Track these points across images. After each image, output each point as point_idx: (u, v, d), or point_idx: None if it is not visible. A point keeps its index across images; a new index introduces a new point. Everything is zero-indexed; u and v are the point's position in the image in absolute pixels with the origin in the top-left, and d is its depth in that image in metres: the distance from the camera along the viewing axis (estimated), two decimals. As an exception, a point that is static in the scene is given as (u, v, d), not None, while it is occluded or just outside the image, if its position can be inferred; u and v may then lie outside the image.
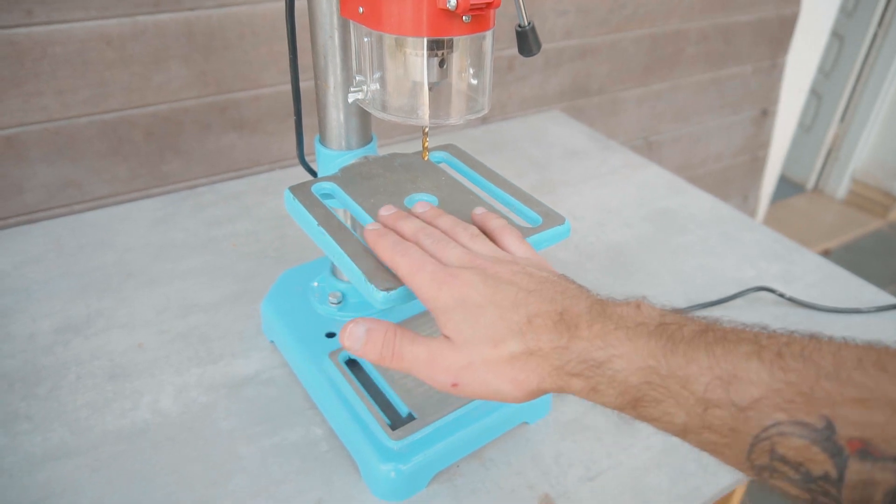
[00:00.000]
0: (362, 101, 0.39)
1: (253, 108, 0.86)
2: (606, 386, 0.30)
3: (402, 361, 0.34)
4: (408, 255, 0.36)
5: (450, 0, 0.32)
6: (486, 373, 0.32)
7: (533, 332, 0.31)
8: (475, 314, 0.33)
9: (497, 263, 0.35)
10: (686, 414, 0.28)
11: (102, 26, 0.73)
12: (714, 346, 0.28)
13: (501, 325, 0.32)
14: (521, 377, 0.32)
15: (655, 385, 0.29)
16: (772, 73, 1.42)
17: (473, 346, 0.32)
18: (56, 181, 0.78)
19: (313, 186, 0.45)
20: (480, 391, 0.33)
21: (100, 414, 0.52)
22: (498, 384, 0.32)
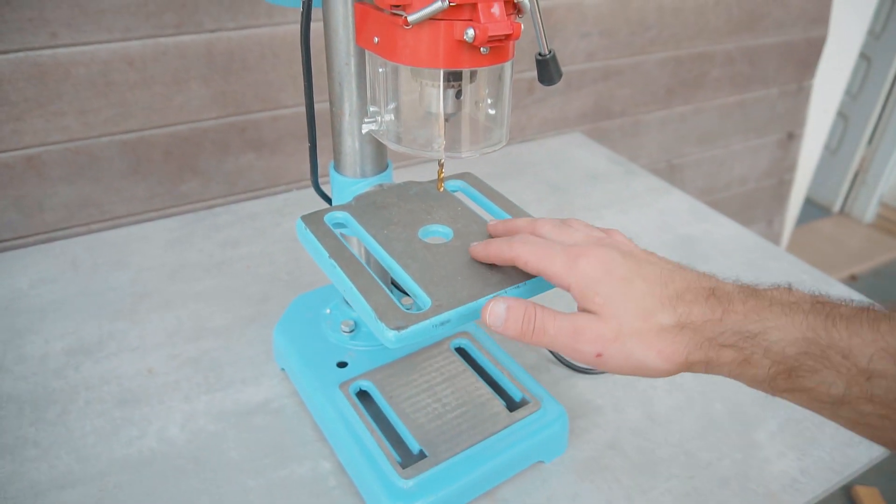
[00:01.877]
0: (376, 132, 0.38)
1: (271, 129, 0.86)
2: (761, 356, 0.30)
3: (545, 336, 0.34)
4: (529, 242, 0.36)
5: (467, 32, 0.31)
6: (634, 344, 0.32)
7: (684, 305, 0.32)
8: (623, 287, 0.33)
9: (624, 245, 0.36)
10: (846, 384, 0.28)
11: (125, 48, 0.73)
12: (877, 321, 0.29)
13: (651, 298, 0.32)
14: (669, 349, 0.31)
15: (814, 355, 0.29)
16: (798, 96, 1.39)
17: (622, 318, 0.32)
18: (76, 200, 0.78)
19: (326, 216, 0.44)
20: (624, 363, 0.33)
21: (107, 442, 0.51)
22: (644, 356, 0.32)
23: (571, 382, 0.59)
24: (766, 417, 0.56)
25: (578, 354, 0.33)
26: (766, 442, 0.54)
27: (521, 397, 0.52)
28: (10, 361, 0.59)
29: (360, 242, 0.46)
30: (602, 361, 0.33)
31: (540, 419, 0.50)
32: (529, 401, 0.51)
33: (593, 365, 0.33)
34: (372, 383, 0.52)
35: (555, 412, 0.51)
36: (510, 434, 0.49)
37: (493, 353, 0.56)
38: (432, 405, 0.50)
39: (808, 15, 1.27)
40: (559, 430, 0.51)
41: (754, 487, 0.50)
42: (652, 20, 1.09)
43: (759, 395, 0.58)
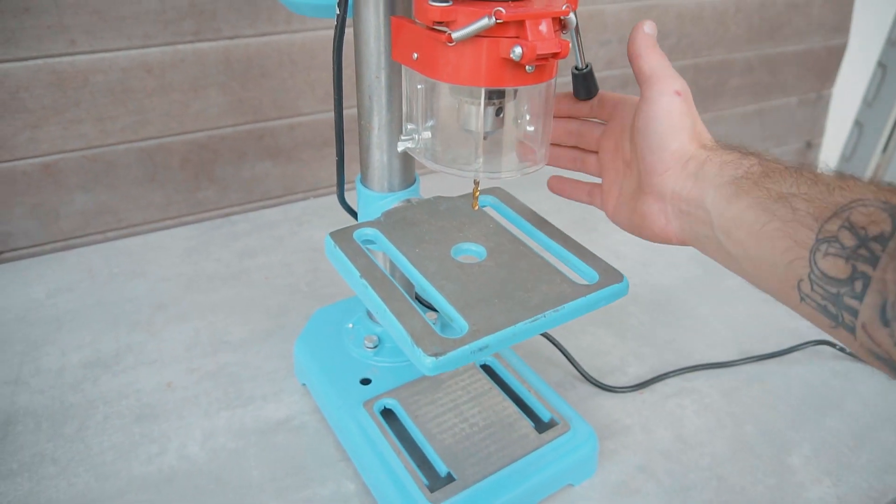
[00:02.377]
0: (413, 149, 0.37)
1: (289, 137, 0.85)
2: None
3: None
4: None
5: (514, 50, 0.30)
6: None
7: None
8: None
9: None
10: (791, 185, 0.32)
11: (144, 55, 0.72)
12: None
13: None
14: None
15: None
16: (817, 105, 1.38)
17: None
18: (92, 208, 0.77)
19: (355, 233, 0.43)
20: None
21: (125, 459, 0.50)
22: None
23: (598, 402, 0.58)
24: (800, 441, 0.55)
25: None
26: (800, 467, 0.52)
27: (550, 418, 0.50)
28: (27, 374, 0.58)
29: (386, 256, 0.45)
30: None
31: (569, 441, 0.49)
32: (558, 422, 0.50)
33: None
34: (397, 401, 0.51)
35: (584, 433, 0.50)
36: (540, 457, 0.47)
37: (519, 370, 0.54)
38: (459, 425, 0.49)
39: (829, 23, 1.26)
40: (589, 453, 0.50)
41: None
42: (671, 28, 1.07)
43: (792, 417, 0.57)
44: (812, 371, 0.62)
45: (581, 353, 0.63)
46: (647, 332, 0.66)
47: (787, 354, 0.63)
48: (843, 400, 0.59)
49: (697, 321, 0.68)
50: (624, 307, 0.70)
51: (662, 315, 0.69)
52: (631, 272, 0.75)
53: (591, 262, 0.42)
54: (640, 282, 0.74)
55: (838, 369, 0.62)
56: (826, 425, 0.56)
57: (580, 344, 0.64)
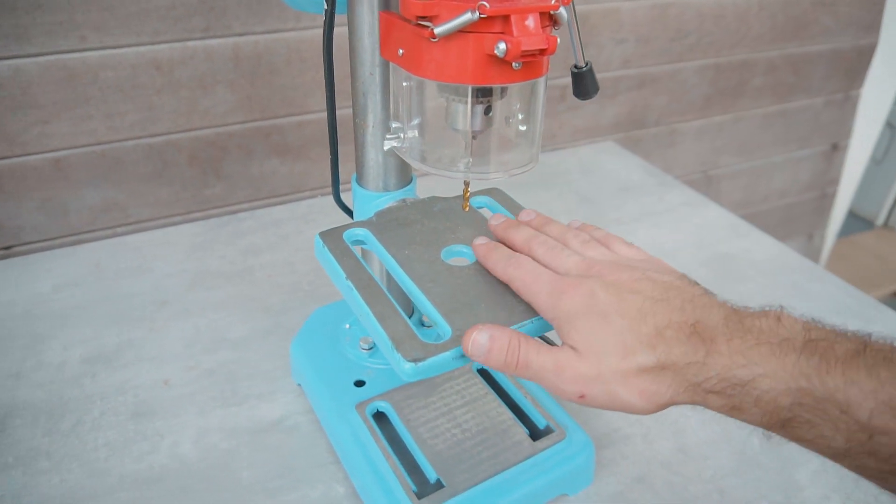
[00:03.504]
0: (399, 148, 0.36)
1: (297, 134, 0.84)
2: (751, 406, 0.29)
3: (528, 370, 0.33)
4: (521, 268, 0.36)
5: (498, 46, 0.29)
6: (615, 385, 0.31)
7: (664, 344, 0.30)
8: (601, 324, 0.32)
9: (616, 269, 0.34)
10: (846, 440, 0.27)
11: (153, 51, 0.73)
12: (876, 367, 0.26)
13: (629, 335, 0.31)
14: (652, 389, 0.30)
15: (809, 407, 0.27)
16: (844, 106, 1.33)
17: (602, 357, 0.31)
18: (100, 203, 0.78)
19: (345, 232, 0.42)
20: (608, 403, 0.32)
21: (118, 456, 0.50)
22: (627, 397, 0.31)
23: (598, 409, 0.56)
24: (808, 455, 0.52)
25: (562, 394, 0.32)
26: (807, 482, 0.50)
27: (546, 425, 0.49)
28: (28, 368, 0.58)
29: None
30: (587, 401, 0.32)
31: (565, 450, 0.48)
32: (554, 429, 0.49)
33: (578, 403, 0.32)
34: (390, 405, 0.50)
35: (580, 442, 0.48)
36: (533, 465, 0.46)
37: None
38: (451, 430, 0.48)
39: (859, 22, 1.22)
40: (585, 462, 0.48)
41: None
42: (691, 27, 1.05)
43: (800, 429, 0.55)
44: (825, 383, 0.60)
45: (584, 358, 0.61)
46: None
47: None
48: (857, 414, 0.56)
49: (707, 328, 0.66)
50: (631, 312, 0.68)
51: (670, 321, 0.67)
52: (640, 276, 0.73)
53: (585, 267, 0.40)
54: (649, 286, 0.72)
55: (853, 382, 0.60)
56: (838, 440, 0.54)
57: (583, 349, 0.62)
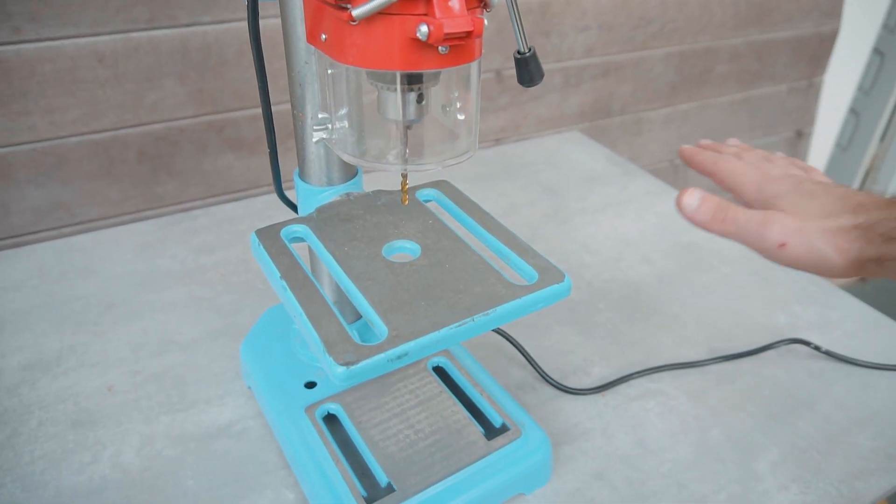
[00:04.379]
0: (328, 140, 0.34)
1: (251, 128, 0.82)
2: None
3: (735, 224, 0.37)
4: (732, 163, 0.42)
5: (420, 28, 0.27)
6: (816, 237, 0.35)
7: (864, 211, 0.34)
8: (808, 198, 0.36)
9: (817, 181, 0.38)
10: None
11: (94, 43, 0.69)
12: None
13: (835, 205, 0.35)
14: (845, 245, 0.34)
15: None
16: (808, 93, 1.34)
17: (809, 216, 0.35)
18: (44, 203, 0.74)
19: (283, 230, 0.40)
20: (806, 254, 0.35)
21: (56, 468, 0.48)
22: (824, 249, 0.34)
23: (558, 404, 0.55)
24: (768, 445, 0.52)
25: (764, 242, 0.36)
26: (766, 473, 0.50)
27: (502, 423, 0.48)
28: (-39, 377, 0.55)
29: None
30: (785, 251, 0.35)
31: (521, 448, 0.46)
32: (510, 427, 0.47)
33: (776, 258, 0.36)
34: (341, 406, 0.48)
35: (537, 440, 0.47)
36: (487, 465, 0.45)
37: (473, 373, 0.52)
38: (404, 432, 0.47)
39: (820, 8, 1.22)
40: (542, 460, 0.47)
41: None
42: (654, 14, 1.04)
43: (761, 419, 0.54)
44: (785, 371, 0.59)
45: (544, 352, 0.60)
46: (615, 331, 0.63)
47: (760, 353, 0.61)
48: (816, 401, 0.56)
49: (668, 318, 0.65)
50: (592, 304, 0.67)
51: (632, 312, 0.66)
52: (602, 268, 0.73)
53: (531, 260, 0.39)
54: (611, 277, 0.71)
55: (813, 369, 0.60)
56: (797, 428, 0.54)
57: (544, 343, 0.61)
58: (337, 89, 0.33)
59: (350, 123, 0.34)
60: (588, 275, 0.71)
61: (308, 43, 0.34)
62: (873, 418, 0.55)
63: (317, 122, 0.34)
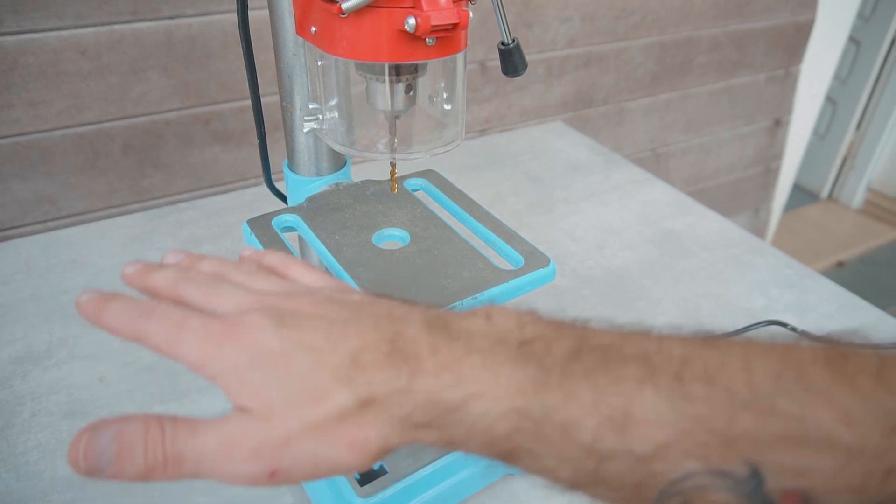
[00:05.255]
0: (319, 130, 0.35)
1: (238, 121, 0.82)
2: (466, 437, 0.23)
3: (184, 464, 0.23)
4: (157, 317, 0.26)
5: (408, 21, 0.28)
6: (313, 443, 0.23)
7: (362, 373, 0.23)
8: (279, 367, 0.24)
9: (290, 297, 0.27)
10: (573, 469, 0.22)
11: (77, 35, 0.69)
12: (595, 373, 0.22)
13: (319, 372, 0.23)
14: (358, 438, 0.23)
15: (529, 434, 0.22)
16: (786, 82, 1.37)
17: (287, 411, 0.23)
18: (30, 197, 0.74)
19: (274, 219, 0.41)
20: (312, 471, 0.23)
21: (51, 457, 0.48)
22: (331, 454, 0.23)
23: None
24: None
25: (242, 479, 0.23)
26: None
27: (490, 406, 0.49)
28: (-49, 371, 0.55)
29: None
30: (281, 478, 0.23)
31: (509, 429, 0.48)
32: (498, 410, 0.49)
33: (270, 485, 0.24)
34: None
35: (525, 421, 0.49)
36: (477, 446, 0.46)
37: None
38: (395, 416, 0.48)
39: (796, -2, 1.24)
40: (529, 441, 0.48)
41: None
42: (636, 5, 1.05)
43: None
44: (763, 352, 0.61)
45: (530, 338, 0.61)
46: (599, 316, 0.65)
47: (739, 335, 0.62)
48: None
49: (651, 303, 0.67)
50: (578, 290, 0.69)
51: (616, 298, 0.68)
52: (586, 255, 0.74)
53: (517, 246, 0.40)
54: (595, 264, 0.73)
55: (789, 349, 0.62)
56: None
57: (530, 329, 0.63)
58: (327, 80, 0.34)
59: (340, 114, 0.35)
60: (573, 262, 0.73)
61: (297, 35, 0.35)
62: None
63: (307, 113, 0.35)
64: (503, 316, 0.25)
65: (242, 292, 0.27)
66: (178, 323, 0.25)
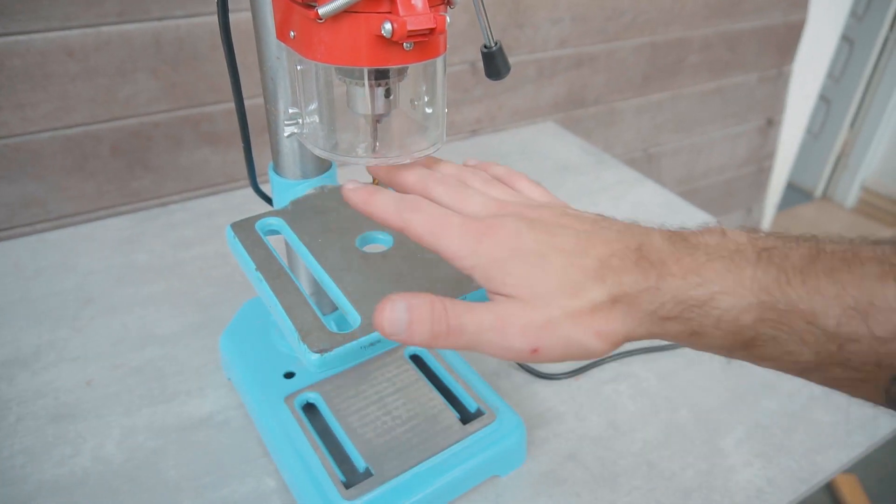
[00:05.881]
0: (299, 135, 0.35)
1: (228, 122, 0.82)
2: (712, 328, 0.26)
3: (463, 335, 0.27)
4: (421, 210, 0.30)
5: (384, 26, 0.28)
6: (569, 328, 0.27)
7: (613, 274, 0.27)
8: (539, 263, 0.28)
9: (532, 208, 0.30)
10: (815, 353, 0.25)
11: (64, 37, 0.69)
12: (836, 271, 0.25)
13: (574, 271, 0.27)
14: (607, 328, 0.27)
15: (773, 323, 0.25)
16: (777, 82, 1.37)
17: (549, 300, 0.27)
18: (18, 199, 0.74)
19: (258, 223, 0.41)
20: (564, 352, 0.27)
21: (37, 462, 0.48)
22: (583, 339, 0.27)
23: (533, 389, 0.57)
24: (734, 423, 0.54)
25: (509, 353, 0.27)
26: (731, 450, 0.52)
27: (476, 408, 0.49)
28: (-62, 375, 0.55)
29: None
30: (540, 355, 0.27)
31: (495, 431, 0.48)
32: (485, 412, 0.49)
33: (529, 361, 0.28)
34: (319, 395, 0.49)
35: (511, 423, 0.49)
36: (463, 448, 0.46)
37: (449, 360, 0.53)
38: (382, 418, 0.48)
39: (788, -2, 1.25)
40: (516, 443, 0.49)
41: (718, 499, 0.48)
42: (626, 5, 1.05)
43: (728, 399, 0.56)
44: (751, 352, 0.61)
45: (519, 339, 0.61)
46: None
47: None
48: (780, 380, 0.58)
49: (640, 304, 0.67)
50: (567, 291, 0.69)
51: (605, 298, 0.68)
52: (576, 255, 0.74)
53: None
54: (585, 265, 0.73)
55: (777, 350, 0.62)
56: (761, 407, 0.56)
57: (519, 330, 0.63)
58: (307, 85, 0.34)
59: (320, 118, 0.35)
60: (562, 263, 0.73)
61: (278, 39, 0.35)
62: (832, 394, 0.57)
63: (287, 118, 0.35)
64: (736, 233, 0.27)
65: (486, 198, 0.31)
66: (441, 218, 0.30)
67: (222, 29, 0.38)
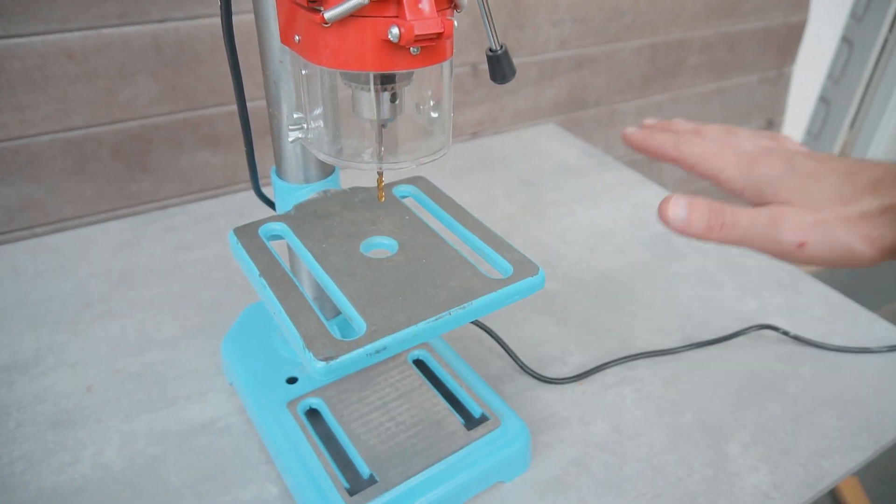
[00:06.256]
0: (304, 140, 0.35)
1: (228, 125, 0.81)
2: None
3: (736, 228, 0.32)
4: (698, 144, 0.35)
5: (391, 31, 0.28)
6: (838, 230, 0.30)
7: (885, 189, 0.30)
8: (811, 181, 0.31)
9: (798, 150, 0.34)
10: None
11: (64, 39, 0.68)
12: None
13: (846, 187, 0.30)
14: (875, 234, 0.29)
15: None
16: (778, 83, 1.37)
17: (822, 206, 0.30)
18: (17, 202, 0.73)
19: (261, 228, 0.41)
20: (829, 251, 0.30)
21: (36, 469, 0.48)
22: (849, 241, 0.30)
23: (536, 394, 0.56)
24: (739, 428, 0.54)
25: (777, 245, 0.31)
26: (737, 455, 0.51)
27: (481, 413, 0.49)
28: (-64, 381, 0.55)
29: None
30: (806, 251, 0.30)
31: (500, 437, 0.47)
32: (489, 417, 0.48)
33: (793, 258, 0.31)
34: (322, 401, 0.49)
35: (516, 429, 0.48)
36: (467, 455, 0.46)
37: (453, 365, 0.53)
38: (385, 424, 0.47)
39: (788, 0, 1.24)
40: (520, 449, 0.48)
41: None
42: (627, 6, 1.05)
43: (732, 403, 0.56)
44: (755, 356, 0.61)
45: (522, 342, 0.61)
46: (591, 320, 0.65)
47: (731, 339, 0.62)
48: (784, 384, 0.58)
49: (642, 307, 0.67)
50: (569, 294, 0.68)
51: (607, 302, 0.68)
52: (578, 258, 0.74)
53: (506, 254, 0.40)
54: (587, 267, 0.72)
55: (782, 353, 0.61)
56: (767, 411, 0.56)
57: (522, 333, 0.63)
58: (311, 89, 0.33)
59: (325, 123, 0.34)
60: (564, 265, 0.73)
61: (282, 43, 0.34)
62: (838, 398, 0.57)
63: (292, 122, 0.35)
64: None
65: (756, 140, 0.35)
66: (717, 148, 0.34)
67: (225, 32, 0.38)
